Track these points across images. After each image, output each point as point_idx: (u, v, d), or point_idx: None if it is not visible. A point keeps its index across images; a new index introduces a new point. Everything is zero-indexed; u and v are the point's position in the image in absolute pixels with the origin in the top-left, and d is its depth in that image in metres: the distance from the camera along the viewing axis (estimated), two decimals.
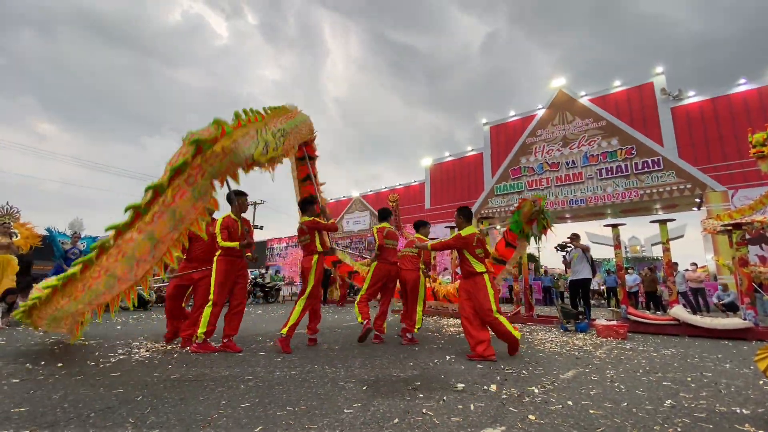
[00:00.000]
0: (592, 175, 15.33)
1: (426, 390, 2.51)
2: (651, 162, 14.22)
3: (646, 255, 29.10)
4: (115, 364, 3.14)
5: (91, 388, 2.43)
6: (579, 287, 6.98)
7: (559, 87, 16.91)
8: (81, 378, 2.67)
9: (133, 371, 2.91)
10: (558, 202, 15.88)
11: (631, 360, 3.70)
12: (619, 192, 14.63)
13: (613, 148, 15.08)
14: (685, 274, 10.76)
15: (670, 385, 2.77)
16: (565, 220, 18.09)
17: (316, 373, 2.95)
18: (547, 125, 16.88)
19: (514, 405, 2.22)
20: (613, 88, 15.78)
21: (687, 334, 5.58)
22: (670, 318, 5.84)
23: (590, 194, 15.23)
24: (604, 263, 19.19)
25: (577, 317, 6.06)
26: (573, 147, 15.99)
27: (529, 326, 6.66)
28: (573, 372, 3.12)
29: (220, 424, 1.87)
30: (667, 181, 13.84)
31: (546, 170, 16.41)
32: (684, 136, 14.03)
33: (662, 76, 14.83)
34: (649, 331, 5.88)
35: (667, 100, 14.50)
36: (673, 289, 6.51)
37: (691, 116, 14.10)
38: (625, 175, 14.64)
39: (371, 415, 2.02)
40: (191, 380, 2.66)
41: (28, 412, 1.97)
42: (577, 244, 7.17)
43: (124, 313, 8.40)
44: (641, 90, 15.20)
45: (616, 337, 5.19)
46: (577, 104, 16.34)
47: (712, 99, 13.86)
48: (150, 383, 2.57)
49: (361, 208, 23.44)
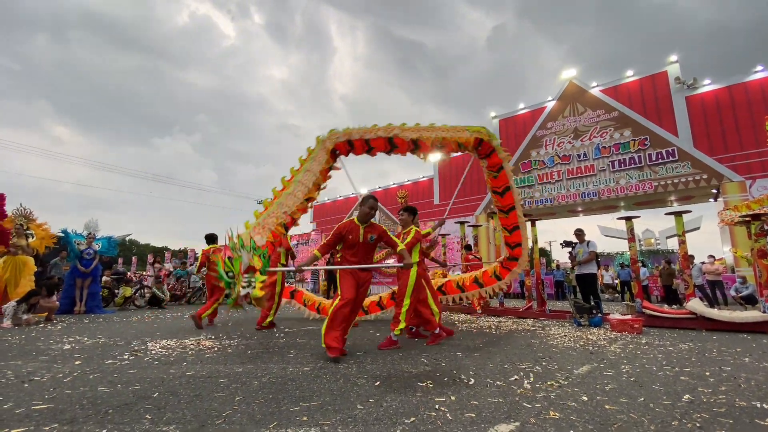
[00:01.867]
0: (605, 168, 15.08)
1: (438, 385, 2.50)
2: (665, 153, 13.92)
3: (661, 248, 28.57)
4: (131, 362, 3.20)
5: (109, 385, 2.48)
6: (586, 282, 6.89)
7: (570, 78, 16.62)
8: (99, 375, 2.73)
9: (149, 368, 2.96)
10: (570, 195, 15.67)
11: (647, 355, 3.64)
12: (633, 184, 14.36)
13: (626, 139, 14.79)
14: (702, 266, 10.55)
15: (688, 379, 2.71)
16: (577, 214, 17.86)
17: (329, 369, 2.96)
18: (558, 117, 16.63)
19: (528, 401, 2.20)
20: (626, 78, 15.45)
21: (704, 327, 5.46)
22: (687, 311, 5.73)
23: (603, 187, 14.99)
24: (617, 257, 18.90)
25: (590, 312, 5.99)
26: (584, 139, 15.73)
27: (541, 321, 6.60)
28: (587, 367, 3.08)
29: (235, 420, 1.88)
30: (682, 172, 13.54)
31: (557, 163, 16.19)
32: (699, 125, 13.70)
33: (676, 64, 14.47)
34: (665, 325, 5.78)
35: (681, 89, 14.16)
36: (689, 282, 6.38)
37: (707, 105, 13.75)
38: (638, 167, 14.36)
39: (384, 410, 2.02)
40: (206, 377, 2.70)
41: (48, 409, 2.02)
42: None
43: (139, 311, 8.56)
44: (654, 79, 14.87)
45: (630, 332, 5.11)
46: (588, 95, 16.05)
47: (728, 87, 13.49)
48: (166, 380, 2.61)
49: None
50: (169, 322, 6.39)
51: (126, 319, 6.82)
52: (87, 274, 7.91)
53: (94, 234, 8.59)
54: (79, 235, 8.36)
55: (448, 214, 18.64)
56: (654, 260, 17.17)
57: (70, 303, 7.79)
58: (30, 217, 7.78)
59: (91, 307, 7.96)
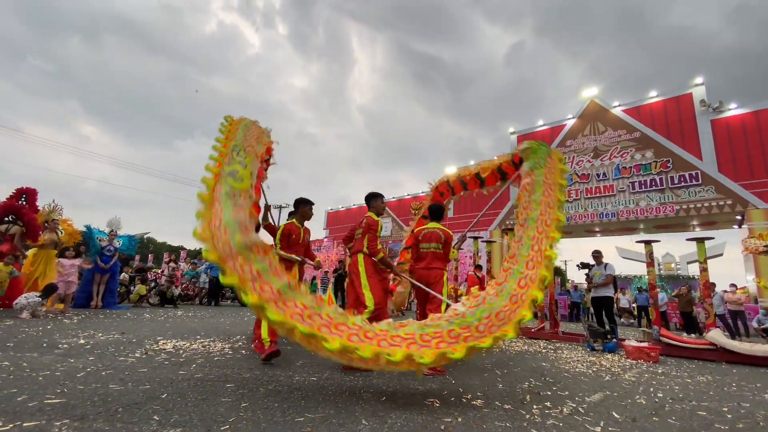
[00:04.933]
0: (624, 188, 14.80)
1: (445, 405, 2.46)
2: (688, 176, 13.60)
3: (681, 273, 27.74)
4: (143, 361, 3.25)
5: (120, 383, 2.53)
6: (601, 305, 6.72)
7: (591, 97, 16.48)
8: (111, 372, 2.78)
9: (159, 368, 3.01)
10: (588, 215, 15.41)
11: (663, 386, 3.52)
12: (653, 206, 14.04)
13: (648, 160, 14.51)
14: (724, 295, 10.18)
15: (705, 414, 2.61)
16: (594, 234, 17.51)
17: (335, 380, 2.95)
18: (578, 135, 16.46)
19: (537, 427, 2.14)
20: (649, 99, 15.23)
21: (724, 360, 5.25)
22: (707, 342, 5.52)
23: (622, 208, 14.69)
24: (635, 280, 18.41)
25: (605, 336, 5.83)
26: (604, 158, 15.50)
27: (553, 343, 6.45)
28: (600, 395, 2.99)
29: (240, 426, 1.89)
30: (705, 196, 13.19)
31: (575, 181, 15.96)
32: (724, 149, 13.36)
33: (702, 87, 14.20)
34: (684, 355, 5.58)
35: (707, 112, 13.87)
36: (710, 312, 6.17)
37: (732, 129, 13.41)
38: (659, 189, 14.05)
39: (389, 427, 2.00)
40: (214, 380, 2.72)
41: (60, 404, 2.06)
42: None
43: (153, 309, 8.71)
44: (679, 101, 14.61)
45: (647, 360, 4.95)
46: (610, 115, 15.86)
47: (755, 112, 13.15)
48: (175, 381, 2.64)
49: (383, 214, 23.53)
50: (181, 321, 6.49)
51: (139, 316, 6.95)
52: (106, 270, 8.12)
53: (116, 231, 8.82)
54: (101, 232, 8.61)
55: (471, 227, 18.50)
56: (673, 286, 16.65)
57: (87, 297, 7.99)
58: (61, 213, 8.06)
59: (108, 303, 8.14)
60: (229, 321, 6.90)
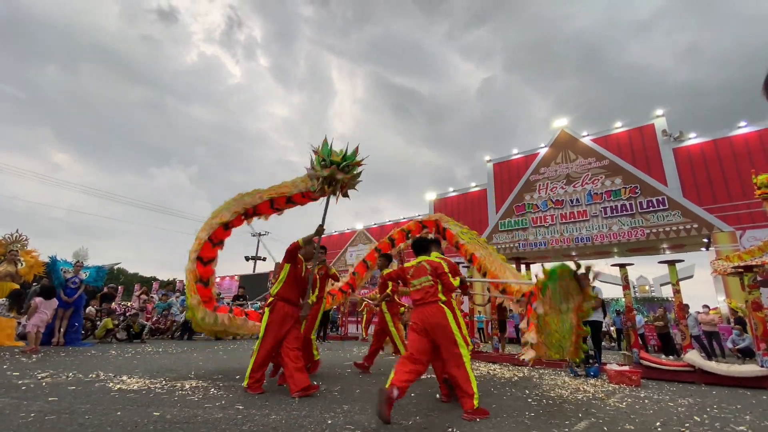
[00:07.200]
0: (597, 213, 15.31)
1: None
2: (656, 201, 14.22)
3: (656, 295, 28.44)
4: (106, 402, 3.01)
5: (79, 428, 2.32)
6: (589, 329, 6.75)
7: (561, 127, 17.28)
8: (67, 416, 2.55)
9: (124, 410, 2.78)
10: (564, 239, 15.78)
11: (647, 410, 3.51)
12: (625, 230, 14.53)
13: (617, 186, 15.15)
14: (698, 316, 10.44)
15: None
16: (571, 258, 17.87)
17: (314, 418, 2.80)
18: (550, 163, 17.08)
19: None
20: (615, 129, 16.08)
21: (703, 381, 5.31)
22: (685, 364, 5.59)
23: (596, 232, 15.14)
24: (612, 303, 18.76)
25: (587, 361, 5.83)
26: (576, 185, 16.08)
27: (537, 369, 6.39)
28: (585, 423, 2.94)
29: None
30: (673, 220, 13.77)
31: (550, 207, 16.43)
32: (687, 176, 14.11)
33: (663, 118, 15.13)
34: (664, 377, 5.62)
35: (668, 141, 14.72)
36: (686, 333, 6.28)
37: (694, 157, 14.23)
38: (630, 214, 14.60)
39: None
40: (183, 422, 2.54)
41: None
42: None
43: (120, 345, 8.21)
44: (642, 131, 15.47)
45: (629, 384, 4.95)
46: (580, 143, 16.59)
47: (713, 140, 14.05)
48: (140, 424, 2.45)
49: (364, 241, 23.38)
50: (150, 358, 6.12)
51: (104, 353, 6.52)
52: (69, 304, 7.64)
53: (81, 262, 8.38)
54: (67, 263, 8.16)
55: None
56: (649, 308, 16.98)
57: (49, 334, 7.46)
58: (24, 243, 7.63)
59: (71, 339, 7.62)
60: (202, 357, 6.56)
